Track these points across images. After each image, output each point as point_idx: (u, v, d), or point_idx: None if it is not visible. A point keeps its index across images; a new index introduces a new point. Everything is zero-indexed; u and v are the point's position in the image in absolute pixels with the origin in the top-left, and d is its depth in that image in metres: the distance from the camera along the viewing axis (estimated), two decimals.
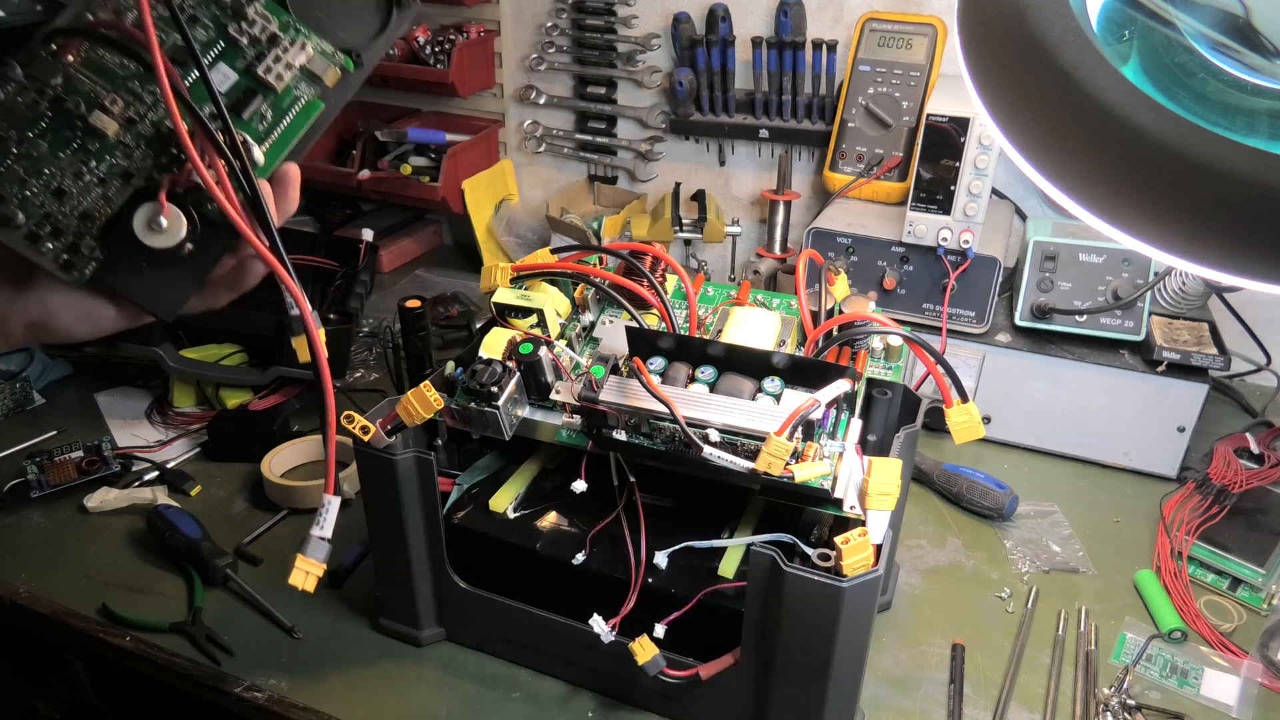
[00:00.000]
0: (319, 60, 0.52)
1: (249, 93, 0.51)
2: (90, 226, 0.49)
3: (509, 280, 0.73)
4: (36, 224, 0.48)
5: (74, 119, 0.49)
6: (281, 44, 0.52)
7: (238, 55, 0.51)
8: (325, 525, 0.56)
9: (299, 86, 0.52)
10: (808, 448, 0.60)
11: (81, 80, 0.49)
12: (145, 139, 0.49)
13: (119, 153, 0.49)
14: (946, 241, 0.97)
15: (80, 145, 0.49)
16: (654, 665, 0.64)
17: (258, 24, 0.51)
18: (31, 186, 0.48)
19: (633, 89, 1.36)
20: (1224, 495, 0.85)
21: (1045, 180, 0.39)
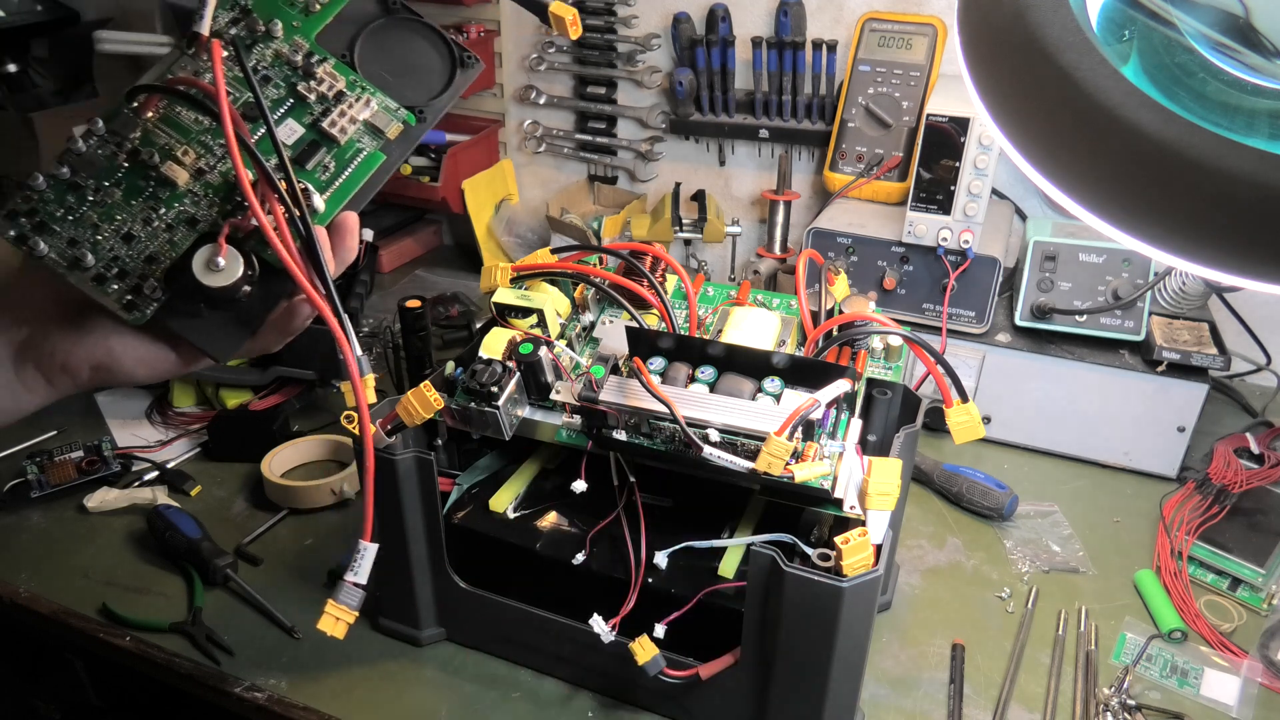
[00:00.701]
0: (382, 115, 0.55)
1: (314, 145, 0.54)
2: (154, 269, 0.51)
3: (509, 280, 0.73)
4: (104, 266, 0.51)
5: (148, 169, 0.52)
6: (347, 100, 0.55)
7: (305, 111, 0.54)
8: (360, 571, 0.55)
9: (362, 139, 0.55)
10: (808, 448, 0.60)
11: (158, 134, 0.52)
12: (213, 188, 0.52)
13: (187, 200, 0.52)
14: (946, 241, 0.97)
15: (151, 193, 0.52)
16: (654, 665, 0.64)
17: (325, 82, 0.54)
18: (103, 231, 0.51)
19: (633, 89, 1.36)
20: (1224, 495, 0.85)
21: (1045, 180, 0.39)
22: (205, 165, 0.53)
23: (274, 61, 0.55)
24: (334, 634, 0.56)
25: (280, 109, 0.54)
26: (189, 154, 0.52)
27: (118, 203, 0.52)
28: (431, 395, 0.65)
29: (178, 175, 0.52)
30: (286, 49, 0.55)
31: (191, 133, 0.53)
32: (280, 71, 0.55)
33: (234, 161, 0.47)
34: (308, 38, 0.55)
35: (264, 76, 0.54)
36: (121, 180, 0.52)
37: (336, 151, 0.54)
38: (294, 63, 0.55)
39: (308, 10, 0.56)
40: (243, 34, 0.55)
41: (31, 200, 0.51)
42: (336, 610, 0.56)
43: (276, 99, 0.54)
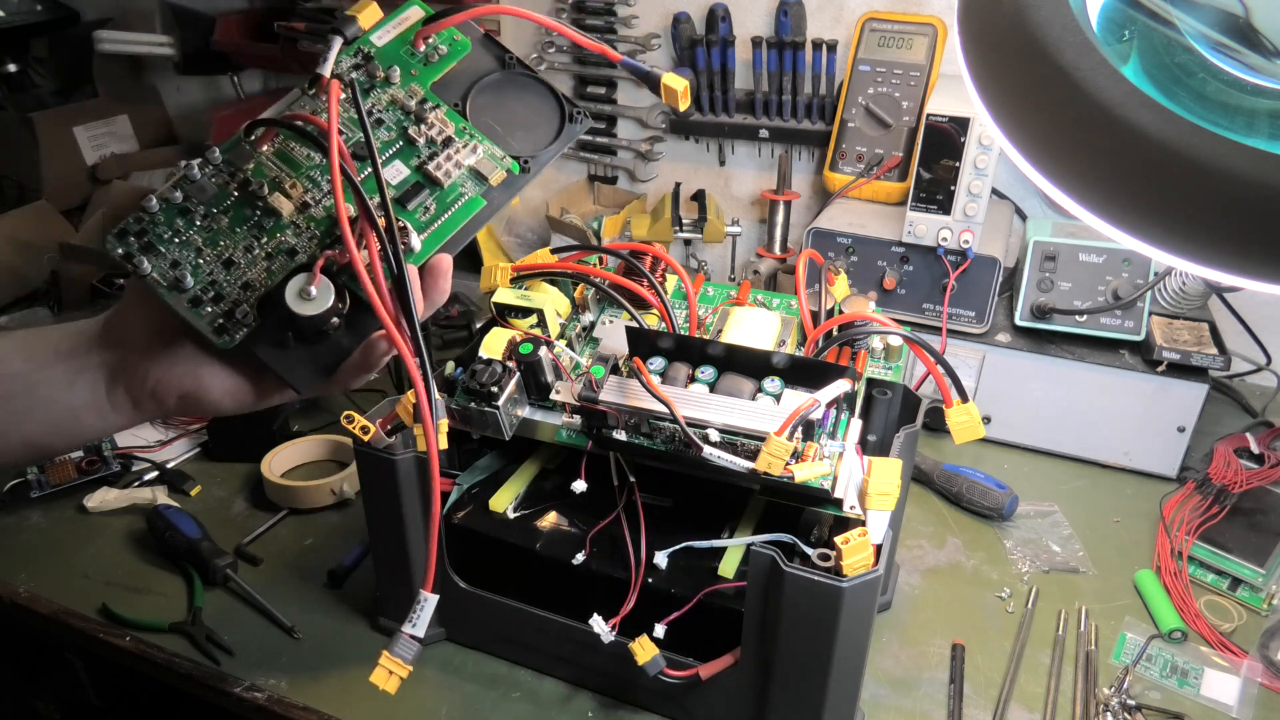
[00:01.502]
0: (487, 161, 0.57)
1: (417, 186, 0.55)
2: (248, 295, 0.52)
3: (509, 280, 0.74)
4: (202, 289, 0.52)
5: (256, 199, 0.53)
6: (455, 145, 0.56)
7: (413, 153, 0.56)
8: (419, 623, 0.53)
9: (465, 184, 0.56)
10: (808, 448, 0.60)
11: (269, 167, 0.54)
12: (315, 221, 0.54)
13: (290, 231, 0.53)
14: (946, 241, 0.97)
15: (256, 222, 0.53)
16: (654, 665, 0.64)
17: (435, 127, 0.56)
18: (205, 255, 0.53)
19: (633, 89, 1.36)
20: (1224, 495, 0.85)
21: (1045, 180, 0.39)
22: (311, 199, 0.54)
23: (388, 106, 0.56)
24: (387, 689, 0.54)
25: (389, 150, 0.56)
26: (296, 187, 0.54)
27: (223, 229, 0.53)
28: None
29: (283, 206, 0.53)
30: (402, 95, 0.57)
31: (302, 167, 0.55)
32: (393, 115, 0.56)
33: (335, 193, 0.48)
34: (424, 85, 0.57)
35: (377, 119, 0.56)
36: (230, 208, 0.53)
37: (439, 194, 0.55)
38: (407, 107, 0.56)
39: (427, 60, 0.58)
40: (362, 78, 0.57)
41: (142, 221, 0.53)
42: (391, 664, 0.54)
43: (387, 141, 0.56)
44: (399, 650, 0.54)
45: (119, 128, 1.61)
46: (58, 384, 0.52)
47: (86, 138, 1.56)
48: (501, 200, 0.56)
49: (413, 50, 0.58)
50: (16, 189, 1.54)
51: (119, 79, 1.64)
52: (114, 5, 1.62)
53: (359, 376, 0.54)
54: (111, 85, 1.62)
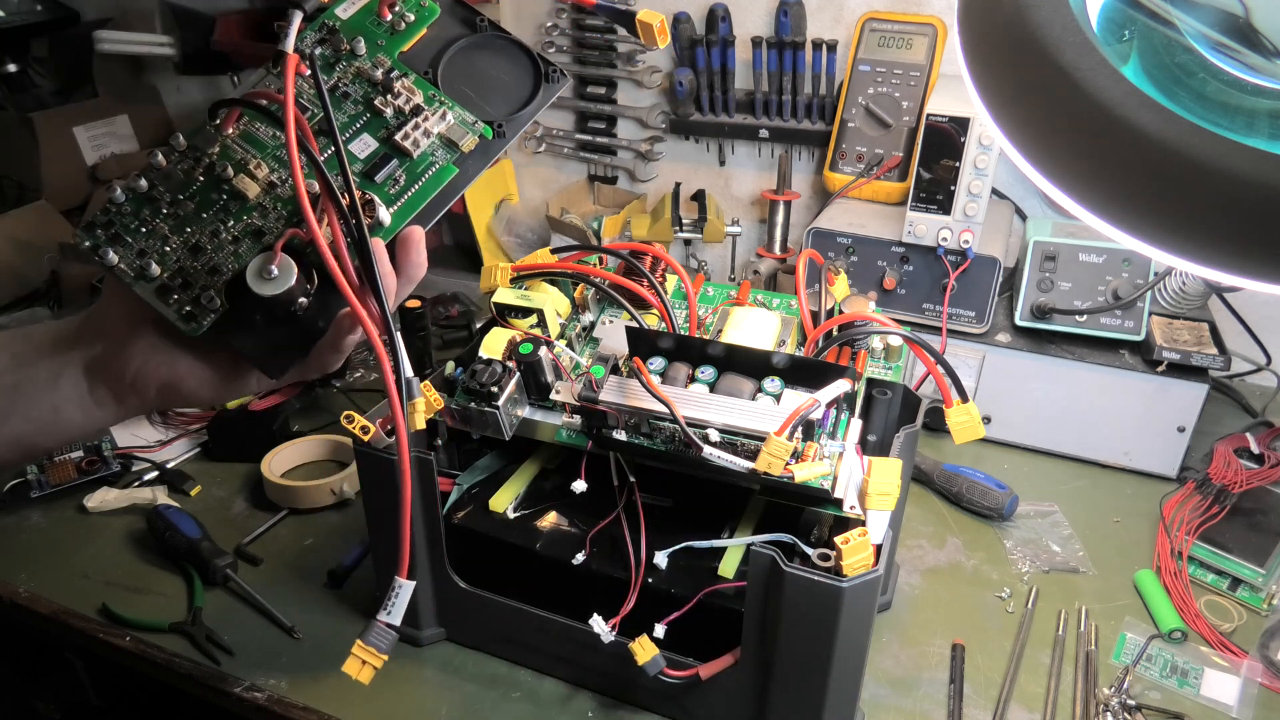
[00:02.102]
0: (458, 128, 0.55)
1: (385, 158, 0.54)
2: (215, 280, 0.51)
3: (509, 280, 0.73)
4: (169, 277, 0.51)
5: (221, 182, 0.52)
6: (423, 113, 0.55)
7: (380, 125, 0.55)
8: (394, 611, 0.52)
9: (435, 153, 0.55)
10: (808, 448, 0.60)
11: (235, 149, 0.53)
12: (282, 201, 0.53)
13: (255, 213, 0.53)
14: (946, 241, 0.97)
15: (223, 206, 0.53)
16: (654, 665, 0.64)
17: (403, 96, 0.55)
18: (172, 243, 0.52)
19: (633, 89, 1.36)
20: (1224, 495, 0.85)
21: (1045, 180, 0.39)
22: (277, 179, 0.53)
23: (354, 79, 0.55)
24: (359, 679, 0.53)
25: (356, 124, 0.55)
26: (261, 167, 0.53)
27: (189, 215, 0.52)
28: (431, 395, 0.65)
29: (249, 188, 0.52)
30: (368, 66, 0.55)
31: (267, 148, 0.54)
32: (360, 88, 0.55)
33: (293, 168, 0.47)
34: (391, 55, 0.56)
35: (343, 93, 0.55)
36: (196, 194, 0.53)
37: (408, 165, 0.54)
38: (374, 79, 0.55)
39: (393, 30, 0.57)
40: (327, 53, 0.56)
41: (109, 213, 0.52)
42: (364, 653, 0.52)
43: (353, 115, 0.55)
44: (373, 639, 0.52)
45: (119, 128, 1.61)
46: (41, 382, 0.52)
47: (86, 138, 1.56)
48: (476, 168, 0.55)
49: (378, 20, 0.57)
50: (16, 189, 1.54)
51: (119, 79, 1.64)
52: (114, 5, 1.62)
53: (333, 358, 0.54)
54: (111, 85, 1.62)
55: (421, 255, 0.53)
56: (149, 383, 0.53)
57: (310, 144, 0.49)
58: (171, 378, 0.53)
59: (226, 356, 0.53)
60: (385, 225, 0.52)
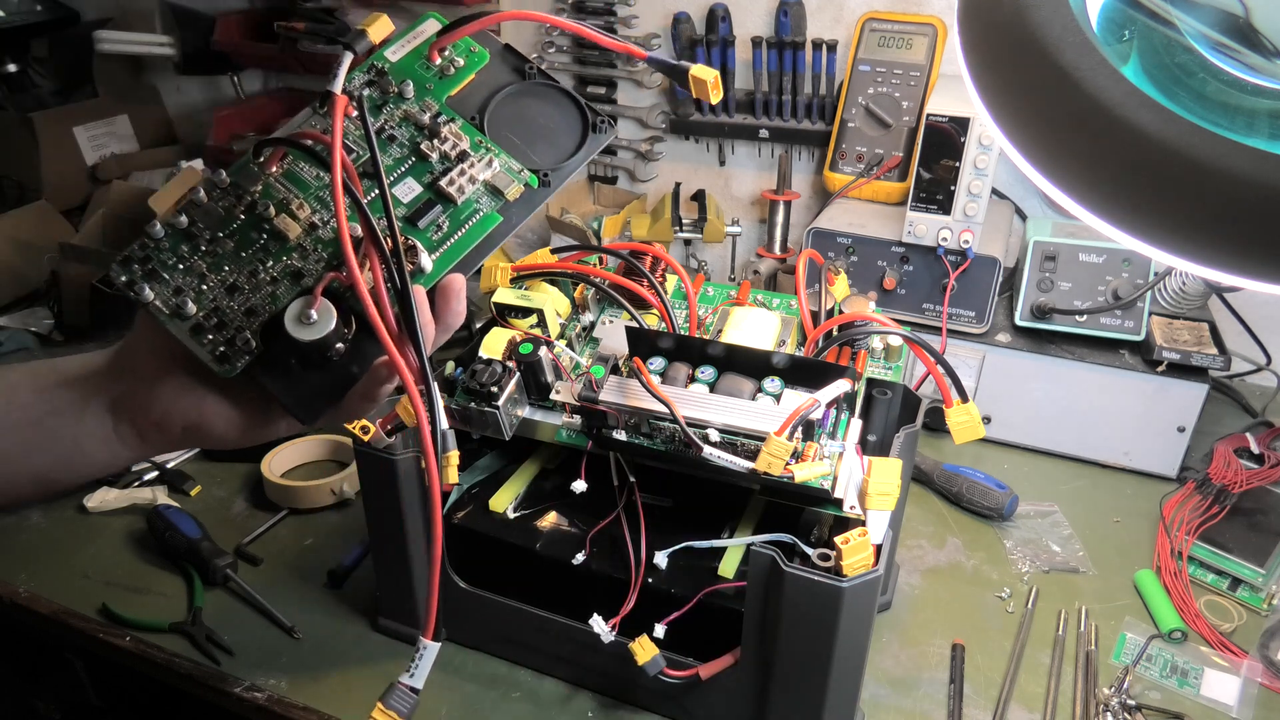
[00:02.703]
0: (504, 175, 0.54)
1: (429, 203, 0.53)
2: (252, 321, 0.50)
3: (509, 280, 0.73)
4: (205, 316, 0.50)
5: (262, 221, 0.51)
6: (470, 160, 0.54)
7: (426, 169, 0.54)
8: (418, 674, 0.49)
9: (480, 200, 0.54)
10: (808, 448, 0.60)
11: (277, 188, 0.52)
12: (323, 243, 0.52)
13: (295, 254, 0.52)
14: (946, 241, 0.97)
15: (262, 246, 0.52)
16: (654, 665, 0.64)
17: (449, 141, 0.54)
18: (209, 281, 0.51)
19: (633, 89, 1.36)
20: (1224, 495, 0.85)
21: (1045, 180, 0.39)
22: (319, 220, 0.52)
23: (401, 121, 0.55)
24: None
25: (401, 167, 0.54)
26: (304, 208, 0.52)
27: (228, 254, 0.51)
28: None
29: (290, 229, 0.51)
30: (416, 110, 0.55)
31: (310, 188, 0.53)
32: (406, 131, 0.54)
33: (337, 210, 0.46)
34: (439, 99, 0.55)
35: (389, 136, 0.54)
36: (235, 232, 0.52)
37: (452, 211, 0.53)
38: (421, 122, 0.54)
39: (443, 74, 0.56)
40: (374, 95, 0.55)
41: (147, 248, 0.51)
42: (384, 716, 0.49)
43: (399, 158, 0.54)
44: (394, 703, 0.49)
45: (119, 128, 1.61)
46: (65, 416, 0.51)
47: (86, 138, 1.56)
48: (520, 217, 0.54)
49: (428, 64, 0.56)
50: (16, 189, 1.54)
51: (119, 79, 1.64)
52: (114, 5, 1.62)
53: (366, 406, 0.53)
54: (111, 85, 1.62)
55: (461, 304, 0.52)
56: (175, 423, 0.52)
57: (355, 186, 0.48)
58: (199, 419, 0.52)
59: (256, 399, 0.52)
60: (427, 272, 0.51)
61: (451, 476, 0.48)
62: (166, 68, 1.64)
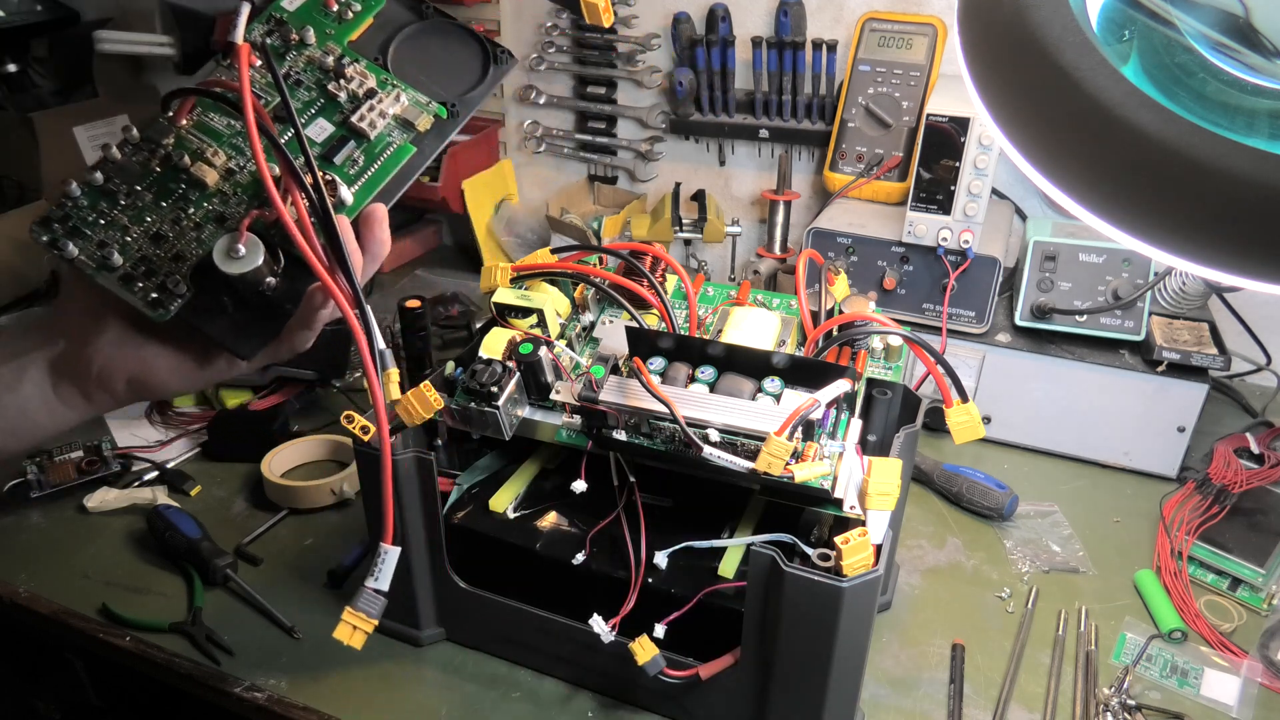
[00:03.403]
0: (413, 109, 0.57)
1: (343, 140, 0.55)
2: (180, 266, 0.52)
3: (509, 280, 0.73)
4: (132, 266, 0.52)
5: (179, 171, 0.53)
6: (378, 96, 0.56)
7: (336, 109, 0.56)
8: (382, 577, 0.53)
9: (392, 133, 0.56)
10: (808, 448, 0.60)
11: (190, 139, 0.54)
12: (242, 187, 0.54)
13: (216, 200, 0.53)
14: (946, 241, 0.97)
15: (182, 194, 0.53)
16: (654, 665, 0.64)
17: (356, 80, 0.56)
18: (132, 233, 0.53)
19: (633, 89, 1.36)
20: (1224, 495, 0.85)
21: (1045, 180, 0.39)
22: (235, 165, 0.54)
23: (306, 66, 0.56)
24: (351, 644, 0.54)
25: (311, 109, 0.56)
26: (219, 156, 0.54)
27: (148, 205, 0.53)
28: (431, 395, 0.64)
29: (207, 176, 0.53)
30: (319, 54, 0.57)
31: (223, 136, 0.55)
32: (312, 75, 0.56)
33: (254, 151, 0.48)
34: (340, 43, 0.57)
35: (296, 81, 0.56)
36: (153, 184, 0.53)
37: (366, 146, 0.55)
38: (325, 66, 0.56)
39: (340, 19, 0.58)
40: (276, 43, 0.57)
41: (65, 206, 0.53)
42: (354, 618, 0.53)
43: (307, 100, 0.56)
44: (362, 605, 0.53)
45: (119, 128, 1.61)
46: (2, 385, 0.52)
47: (86, 138, 1.55)
48: (433, 147, 0.57)
49: (325, 10, 0.58)
50: (16, 189, 1.54)
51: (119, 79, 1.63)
52: (114, 5, 1.62)
53: (304, 336, 0.54)
54: (111, 85, 1.62)
55: (385, 233, 0.53)
56: (116, 376, 0.52)
57: (269, 126, 0.49)
58: (139, 370, 0.52)
59: (196, 344, 0.53)
60: (348, 204, 0.53)
61: (394, 391, 0.51)
62: (166, 68, 1.64)
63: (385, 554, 0.53)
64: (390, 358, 0.51)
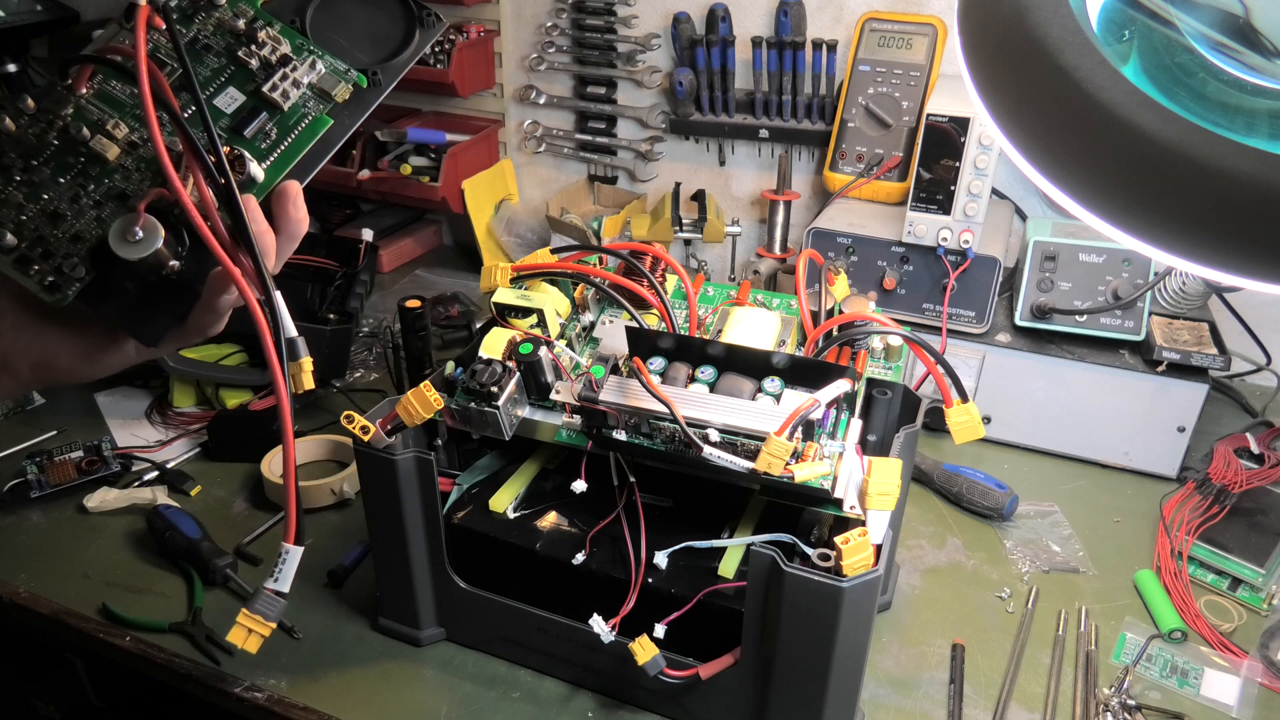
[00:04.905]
0: (330, 77, 0.53)
1: (254, 111, 0.51)
2: (79, 248, 0.48)
3: (509, 280, 0.74)
4: (28, 247, 0.48)
5: (77, 144, 0.49)
6: (292, 63, 0.52)
7: (247, 78, 0.52)
8: (282, 579, 0.50)
9: (307, 104, 0.52)
10: (808, 448, 0.60)
11: (90, 110, 0.50)
12: (145, 162, 0.50)
13: (118, 176, 0.50)
14: (946, 241, 0.97)
15: (81, 170, 0.50)
16: (654, 665, 0.64)
17: (268, 46, 0.52)
18: (28, 211, 0.49)
19: (633, 89, 1.36)
20: (1224, 495, 0.85)
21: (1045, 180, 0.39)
22: (139, 139, 0.50)
23: (215, 30, 0.52)
24: (246, 648, 0.51)
25: (220, 78, 0.51)
26: (120, 128, 0.50)
27: (45, 181, 0.49)
28: (431, 395, 0.65)
29: (108, 150, 0.49)
30: (229, 16, 0.52)
31: (126, 107, 0.50)
32: (222, 40, 0.52)
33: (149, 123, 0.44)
34: (253, 5, 0.53)
35: (204, 46, 0.52)
36: (50, 158, 0.49)
37: (279, 118, 0.51)
38: (236, 30, 0.52)
39: None
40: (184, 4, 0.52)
41: None
42: (250, 621, 0.50)
43: (216, 68, 0.52)
44: (260, 607, 0.50)
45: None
46: None
47: None
48: (353, 118, 0.53)
49: None
50: None
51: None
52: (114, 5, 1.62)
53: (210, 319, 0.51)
54: None
55: (301, 210, 0.50)
56: (19, 362, 0.50)
57: (169, 98, 0.46)
58: (43, 355, 0.50)
59: (100, 328, 0.51)
60: (259, 181, 0.50)
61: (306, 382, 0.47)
62: None
63: (287, 554, 0.49)
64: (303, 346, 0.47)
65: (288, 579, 0.49)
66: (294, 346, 0.47)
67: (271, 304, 0.46)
